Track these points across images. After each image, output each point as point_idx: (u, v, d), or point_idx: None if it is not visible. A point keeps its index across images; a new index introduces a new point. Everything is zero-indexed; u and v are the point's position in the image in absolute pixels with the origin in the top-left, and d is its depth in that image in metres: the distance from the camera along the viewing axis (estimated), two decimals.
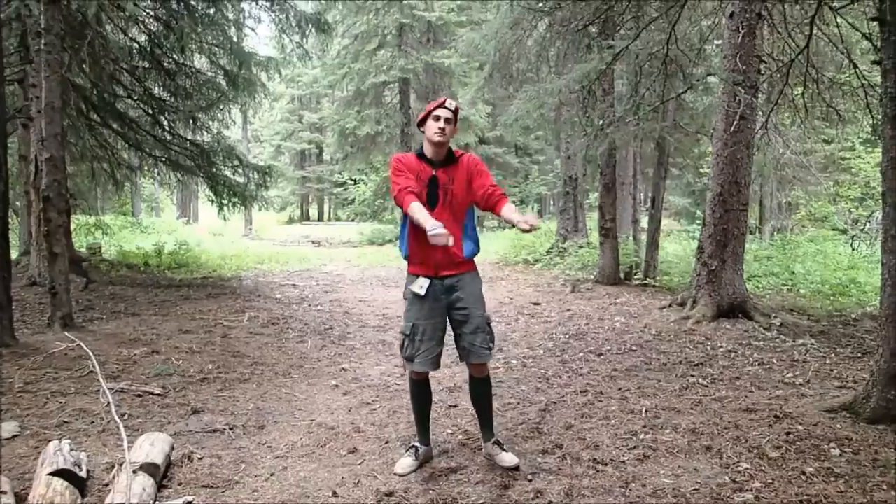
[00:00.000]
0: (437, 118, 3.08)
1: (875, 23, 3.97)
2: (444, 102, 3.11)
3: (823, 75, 6.99)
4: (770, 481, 2.97)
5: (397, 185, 3.06)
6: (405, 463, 3.19)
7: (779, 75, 6.48)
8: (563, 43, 7.92)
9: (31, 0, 6.55)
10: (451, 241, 2.82)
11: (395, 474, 3.12)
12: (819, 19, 5.72)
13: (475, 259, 3.28)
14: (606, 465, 3.21)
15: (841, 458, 3.18)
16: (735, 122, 6.49)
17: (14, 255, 6.88)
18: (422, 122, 3.15)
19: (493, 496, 2.91)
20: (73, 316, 6.06)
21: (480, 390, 3.30)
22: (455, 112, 3.12)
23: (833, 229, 15.65)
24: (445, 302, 3.15)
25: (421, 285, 3.10)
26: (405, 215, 3.09)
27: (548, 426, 3.79)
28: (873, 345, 5.66)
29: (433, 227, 2.78)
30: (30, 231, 8.88)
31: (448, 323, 3.20)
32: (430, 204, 3.07)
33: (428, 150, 3.16)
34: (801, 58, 5.99)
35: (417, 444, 3.29)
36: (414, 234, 3.11)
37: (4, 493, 2.58)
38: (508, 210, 3.00)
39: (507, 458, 3.18)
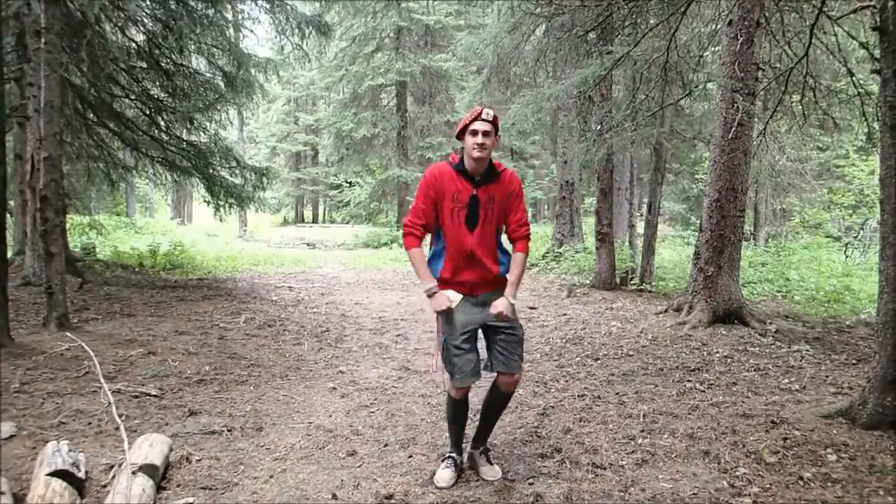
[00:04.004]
0: (475, 133, 2.85)
1: (874, 32, 4.01)
2: (480, 114, 2.87)
3: (820, 83, 7.04)
4: (768, 486, 2.98)
5: (409, 217, 2.98)
6: (445, 475, 3.09)
7: (776, 83, 6.53)
8: (562, 48, 7.94)
9: None
10: (453, 306, 2.93)
11: (438, 487, 3.03)
12: (817, 28, 5.76)
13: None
14: (605, 469, 3.21)
15: (838, 464, 3.19)
16: (733, 129, 6.53)
17: (8, 254, 6.83)
18: (460, 135, 2.94)
19: (493, 500, 2.91)
20: (69, 316, 6.03)
21: (500, 403, 3.18)
22: (494, 122, 2.88)
23: (827, 236, 15.72)
24: (480, 315, 3.00)
25: (451, 299, 2.96)
26: (439, 234, 3.02)
27: (546, 430, 3.80)
28: (868, 351, 5.71)
29: (429, 289, 2.93)
30: (24, 230, 8.82)
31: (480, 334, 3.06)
32: (470, 225, 2.93)
33: (468, 164, 2.93)
34: (799, 66, 6.04)
35: (454, 455, 3.19)
36: (452, 258, 2.98)
37: (3, 493, 2.56)
38: (512, 266, 3.01)
39: (492, 472, 3.12)
